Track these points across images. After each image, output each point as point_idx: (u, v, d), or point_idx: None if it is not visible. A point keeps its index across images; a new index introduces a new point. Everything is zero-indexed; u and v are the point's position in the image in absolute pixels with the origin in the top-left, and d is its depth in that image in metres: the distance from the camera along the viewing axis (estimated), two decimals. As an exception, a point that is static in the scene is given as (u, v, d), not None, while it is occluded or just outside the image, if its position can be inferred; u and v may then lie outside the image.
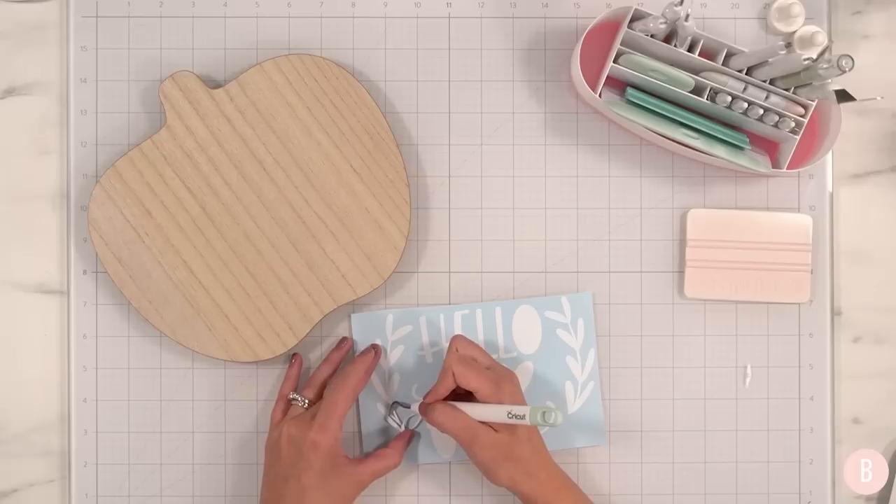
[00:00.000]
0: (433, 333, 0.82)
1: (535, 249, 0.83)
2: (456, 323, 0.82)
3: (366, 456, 0.77)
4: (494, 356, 0.81)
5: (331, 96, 0.79)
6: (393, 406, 0.80)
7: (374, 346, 0.80)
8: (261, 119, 0.79)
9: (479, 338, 0.82)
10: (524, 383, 0.81)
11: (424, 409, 0.75)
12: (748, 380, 0.83)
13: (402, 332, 0.82)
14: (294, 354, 0.81)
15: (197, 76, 0.79)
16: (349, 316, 0.82)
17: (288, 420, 0.76)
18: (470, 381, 0.73)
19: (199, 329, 0.79)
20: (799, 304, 0.82)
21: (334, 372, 0.80)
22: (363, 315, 0.82)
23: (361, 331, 0.82)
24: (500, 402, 0.73)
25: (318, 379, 0.79)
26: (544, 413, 0.68)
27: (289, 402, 0.79)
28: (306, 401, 0.78)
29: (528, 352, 0.82)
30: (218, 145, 0.79)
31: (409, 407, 0.79)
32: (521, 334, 0.82)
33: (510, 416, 0.71)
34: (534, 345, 0.82)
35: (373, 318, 0.82)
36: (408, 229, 0.80)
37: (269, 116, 0.79)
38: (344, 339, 0.81)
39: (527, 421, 0.69)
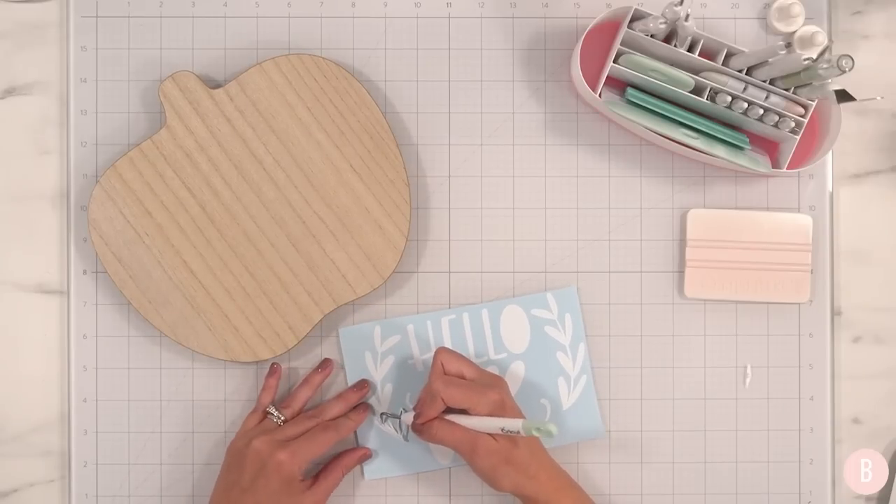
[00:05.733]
0: (422, 341, 0.82)
1: (535, 249, 0.83)
2: (443, 329, 0.82)
3: (315, 478, 0.77)
4: (485, 359, 0.81)
5: (331, 96, 0.79)
6: (382, 417, 0.80)
7: (363, 382, 0.81)
8: (261, 119, 0.79)
9: (468, 341, 0.82)
10: (516, 384, 0.81)
11: (419, 429, 0.75)
12: (748, 380, 0.83)
13: (390, 342, 0.82)
14: (273, 364, 0.80)
15: (197, 76, 0.79)
16: (337, 331, 0.82)
17: (259, 434, 0.76)
18: (460, 401, 0.74)
19: (199, 329, 0.79)
20: (799, 304, 0.82)
21: (313, 394, 0.80)
22: (351, 329, 0.82)
23: (350, 344, 0.82)
24: (487, 412, 0.73)
25: (299, 401, 0.79)
26: (538, 428, 0.68)
27: (265, 414, 0.79)
28: (282, 418, 0.78)
29: (518, 351, 0.82)
30: (218, 145, 0.79)
31: (398, 416, 0.79)
32: (509, 334, 0.82)
33: (504, 431, 0.71)
34: (523, 344, 0.82)
35: (360, 330, 0.82)
36: (408, 229, 0.80)
37: (269, 116, 0.79)
38: (326, 360, 0.81)
39: (521, 436, 0.70)
